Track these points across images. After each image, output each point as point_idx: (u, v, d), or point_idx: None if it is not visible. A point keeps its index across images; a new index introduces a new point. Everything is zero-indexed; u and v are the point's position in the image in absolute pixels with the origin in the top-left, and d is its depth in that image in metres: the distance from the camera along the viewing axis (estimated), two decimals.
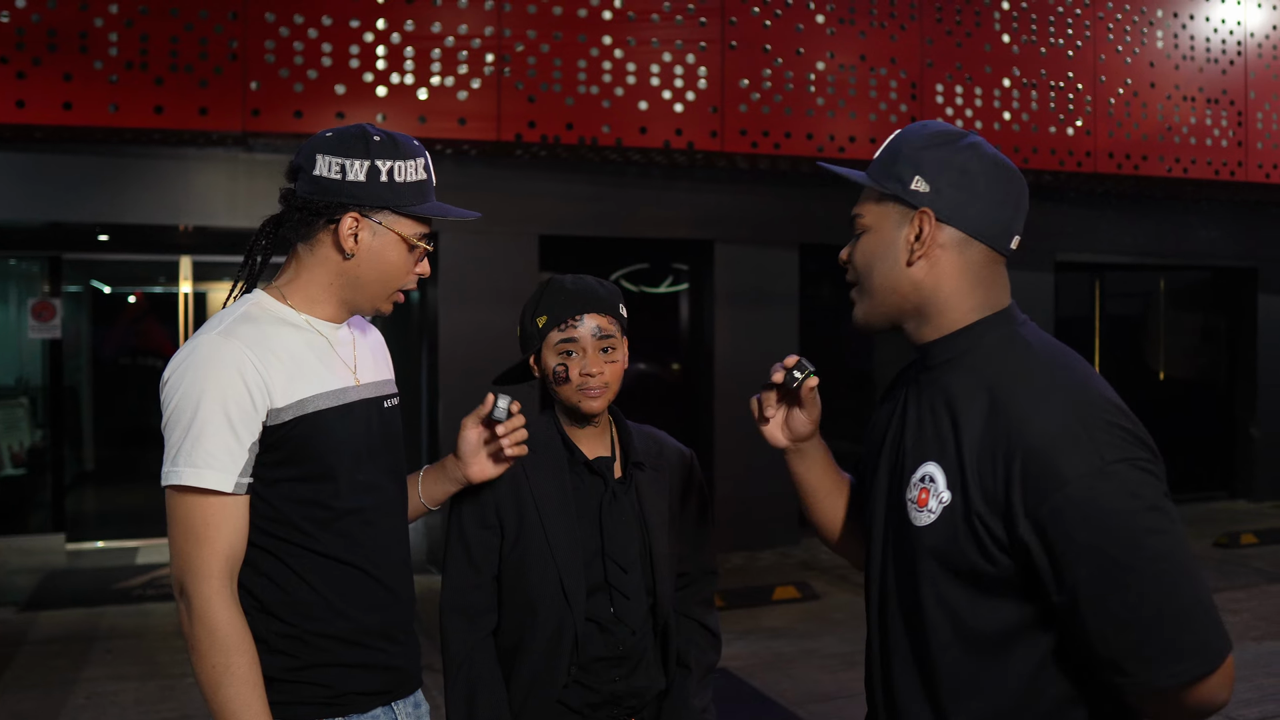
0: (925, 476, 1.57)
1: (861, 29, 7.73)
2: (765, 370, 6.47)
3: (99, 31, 6.13)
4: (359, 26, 6.57)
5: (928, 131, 1.63)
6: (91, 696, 5.37)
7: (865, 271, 1.67)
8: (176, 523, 1.82)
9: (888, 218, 1.64)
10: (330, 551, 1.90)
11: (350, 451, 1.93)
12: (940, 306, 1.62)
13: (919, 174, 1.59)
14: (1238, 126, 8.94)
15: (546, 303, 2.22)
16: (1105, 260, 10.30)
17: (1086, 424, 1.45)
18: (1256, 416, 10.86)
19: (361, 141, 1.89)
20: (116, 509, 9.21)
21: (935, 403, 1.61)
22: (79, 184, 6.90)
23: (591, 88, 7.04)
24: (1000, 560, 1.48)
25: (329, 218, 1.90)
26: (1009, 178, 1.62)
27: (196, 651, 1.79)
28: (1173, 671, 1.41)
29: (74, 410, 9.26)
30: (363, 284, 1.95)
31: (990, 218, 1.60)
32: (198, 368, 1.81)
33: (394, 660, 1.99)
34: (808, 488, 1.94)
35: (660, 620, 2.27)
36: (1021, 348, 1.58)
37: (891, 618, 1.65)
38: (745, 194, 8.44)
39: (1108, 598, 1.41)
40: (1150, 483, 1.44)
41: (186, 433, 1.80)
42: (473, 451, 2.15)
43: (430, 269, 2.04)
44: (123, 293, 9.52)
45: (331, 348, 1.98)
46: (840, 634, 6.36)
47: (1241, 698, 5.19)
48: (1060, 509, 1.42)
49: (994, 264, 1.63)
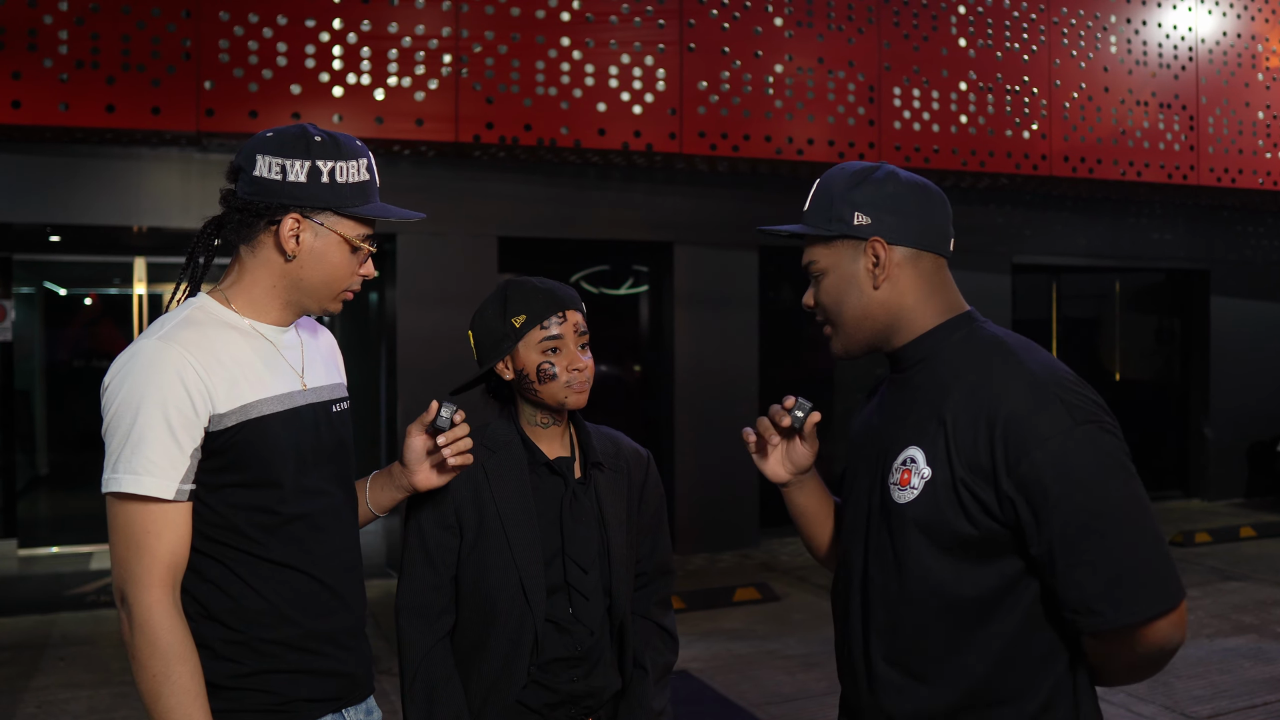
0: (906, 459, 1.73)
1: (819, 32, 7.77)
2: (725, 372, 6.56)
3: (49, 29, 6.04)
4: (315, 26, 6.51)
5: (848, 174, 1.82)
6: (43, 705, 5.28)
7: (835, 308, 1.84)
8: (117, 530, 1.79)
9: (841, 256, 1.82)
10: (277, 557, 1.87)
11: (296, 457, 1.90)
12: (908, 317, 1.80)
13: (857, 210, 1.78)
14: (1190, 131, 9.07)
15: (521, 302, 2.20)
16: (1061, 262, 10.41)
17: (1057, 392, 1.63)
18: (1209, 416, 11.02)
19: (302, 141, 1.87)
20: (70, 514, 9.08)
21: (911, 396, 1.79)
22: (29, 184, 6.79)
23: (550, 89, 7.03)
24: (982, 522, 1.64)
25: (270, 219, 1.88)
26: (927, 191, 1.82)
27: (137, 660, 1.76)
28: (1135, 609, 1.57)
29: (26, 414, 9.12)
30: (306, 286, 1.93)
31: (927, 228, 1.80)
32: (137, 373, 1.79)
33: (343, 666, 1.96)
34: (809, 516, 2.08)
35: (616, 620, 2.27)
36: (988, 340, 1.76)
37: (875, 595, 1.77)
38: (704, 196, 8.46)
39: (1081, 543, 1.58)
40: (1115, 443, 1.63)
41: (126, 439, 1.77)
42: (418, 459, 2.12)
43: (375, 270, 2.02)
44: (76, 294, 9.39)
45: (277, 352, 1.95)
46: (800, 635, 6.38)
47: (1195, 694, 5.25)
48: (1038, 464, 1.59)
49: (941, 268, 1.84)
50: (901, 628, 1.73)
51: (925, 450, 1.70)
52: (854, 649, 1.83)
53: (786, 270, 9.40)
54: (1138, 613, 1.58)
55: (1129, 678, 1.74)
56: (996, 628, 1.67)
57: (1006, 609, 1.67)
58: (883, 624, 1.76)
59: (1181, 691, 5.29)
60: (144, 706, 1.77)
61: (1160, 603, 1.58)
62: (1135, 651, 1.64)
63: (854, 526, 1.85)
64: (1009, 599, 1.66)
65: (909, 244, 1.78)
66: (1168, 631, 1.60)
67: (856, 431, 1.96)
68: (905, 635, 1.72)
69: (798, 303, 10.59)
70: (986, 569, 1.66)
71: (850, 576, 1.85)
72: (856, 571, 1.83)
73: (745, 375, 8.72)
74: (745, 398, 8.68)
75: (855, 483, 1.88)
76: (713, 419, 8.57)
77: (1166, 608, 1.59)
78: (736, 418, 8.64)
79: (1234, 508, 10.73)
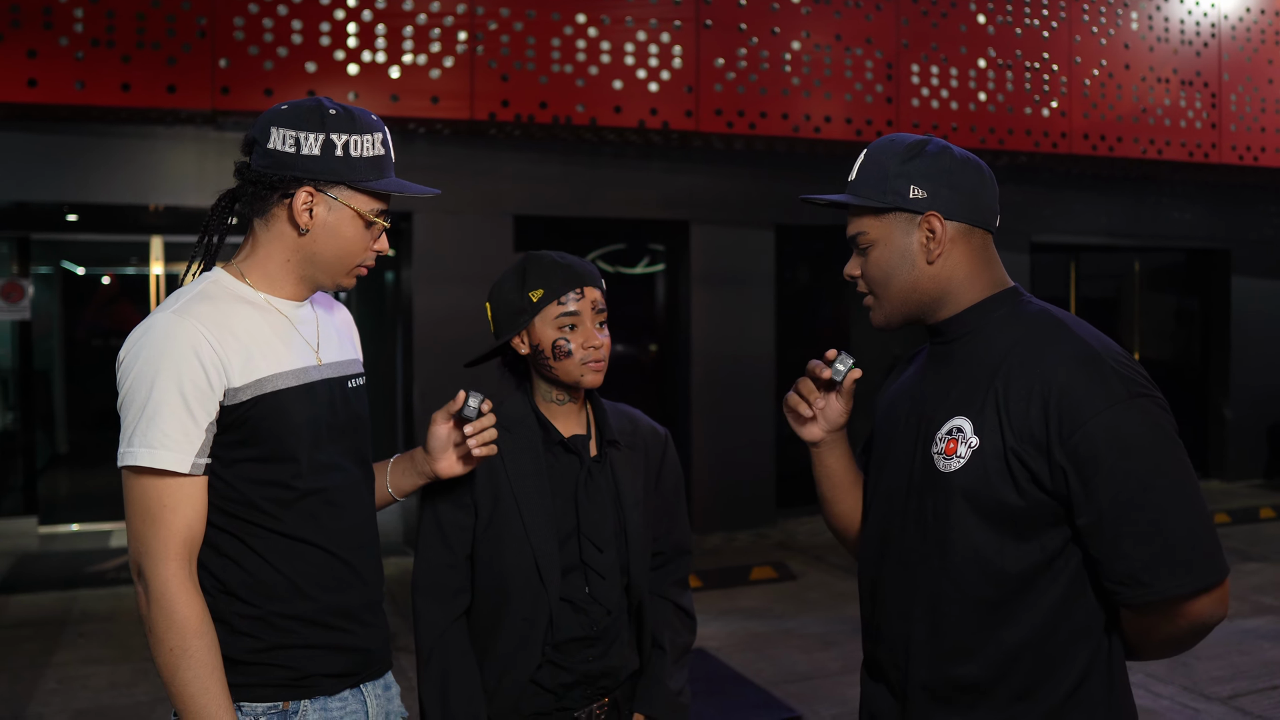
0: (953, 429, 1.73)
1: (837, 8, 7.70)
2: (742, 351, 6.52)
3: (64, 7, 6.04)
4: (330, 3, 6.49)
5: (902, 145, 1.81)
6: (63, 680, 5.32)
7: (883, 280, 1.83)
8: (133, 504, 1.78)
9: (894, 228, 1.80)
10: (293, 532, 1.87)
11: (311, 431, 1.89)
12: (956, 291, 1.81)
13: (912, 183, 1.78)
14: (1211, 109, 8.97)
15: (539, 277, 2.18)
16: (1080, 241, 10.33)
17: (1111, 365, 1.64)
18: (1229, 397, 10.94)
19: (317, 114, 1.86)
20: (89, 492, 9.13)
21: (956, 368, 1.79)
22: (46, 163, 6.80)
23: (565, 66, 6.99)
24: (1029, 492, 1.65)
25: (283, 192, 1.87)
26: (979, 167, 1.83)
27: (154, 634, 1.76)
28: (1182, 581, 1.59)
29: (45, 392, 9.18)
30: (319, 260, 1.92)
31: (979, 204, 1.80)
32: (152, 347, 1.78)
33: (360, 642, 1.96)
34: (835, 479, 2.05)
35: (634, 600, 2.26)
36: (1038, 314, 1.77)
37: (913, 566, 1.78)
38: (721, 174, 8.41)
39: (1130, 513, 1.59)
40: (1167, 418, 1.64)
41: (141, 412, 1.76)
42: (441, 447, 2.11)
43: (390, 247, 2.00)
44: (93, 273, 9.42)
45: (293, 326, 1.94)
46: (817, 614, 6.37)
47: (1214, 675, 5.23)
48: (1093, 435, 1.60)
49: (989, 244, 1.84)
50: (940, 599, 1.73)
51: (973, 420, 1.70)
52: (888, 620, 1.83)
53: (803, 249, 9.35)
54: (1185, 585, 1.58)
55: (1162, 652, 1.75)
56: (1036, 600, 1.68)
57: (1047, 582, 1.67)
58: (922, 595, 1.76)
59: (1201, 672, 5.27)
60: (162, 681, 1.77)
61: (1207, 576, 1.59)
62: (1175, 624, 1.64)
63: (890, 497, 1.85)
64: (1049, 573, 1.67)
65: (962, 219, 1.78)
66: (1211, 607, 1.62)
67: (888, 403, 1.95)
68: (944, 606, 1.73)
69: (814, 282, 10.55)
70: (1029, 545, 1.67)
71: (884, 547, 1.85)
72: (893, 542, 1.82)
73: (762, 354, 8.69)
74: (762, 377, 8.66)
75: (889, 453, 1.87)
76: (729, 398, 8.56)
77: (1212, 582, 1.60)
78: (753, 397, 8.63)
79: (1254, 488, 10.67)
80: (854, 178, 1.85)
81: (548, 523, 2.16)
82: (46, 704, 5.03)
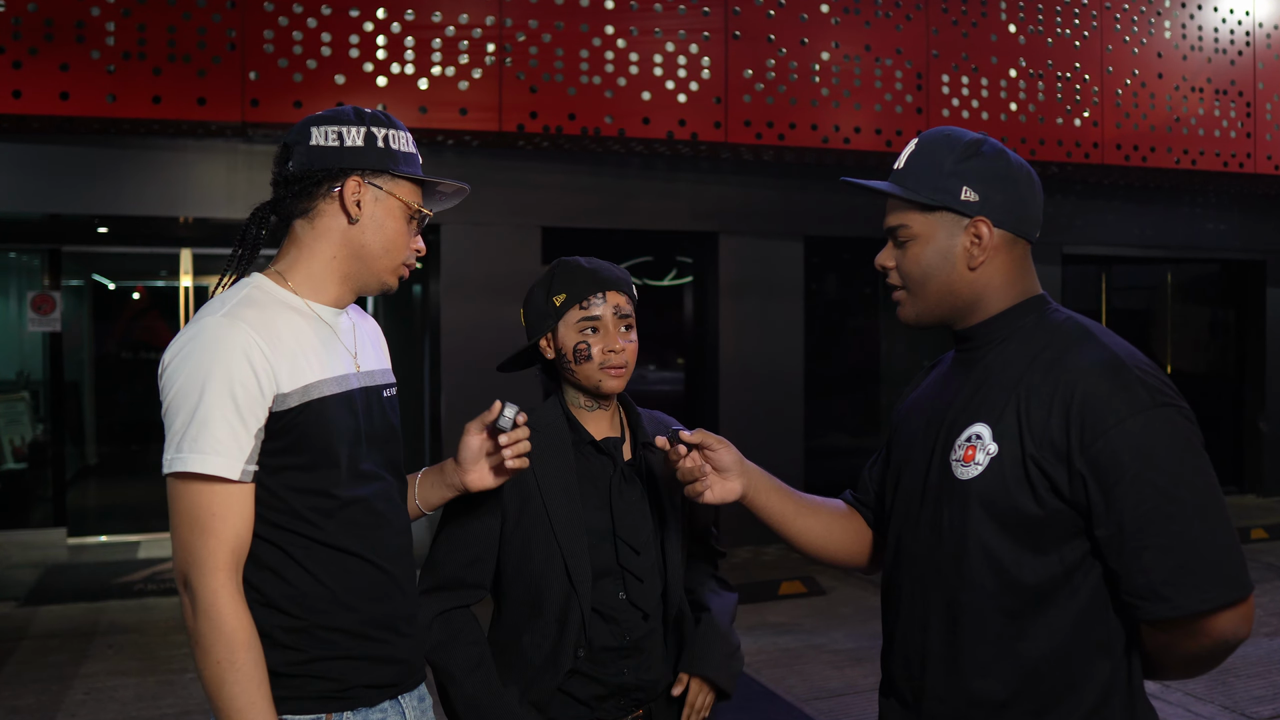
0: (971, 436, 1.68)
1: (866, 19, 7.66)
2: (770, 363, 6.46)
3: (96, 21, 6.07)
4: (359, 16, 6.50)
5: (959, 143, 1.75)
6: (91, 692, 5.32)
7: (919, 277, 1.77)
8: (180, 513, 1.74)
9: (939, 227, 1.74)
10: (334, 541, 1.84)
11: (353, 439, 1.87)
12: (989, 298, 1.76)
13: (966, 184, 1.71)
14: (1246, 118, 8.86)
15: (564, 281, 2.18)
16: (1112, 253, 10.22)
17: (1136, 374, 1.59)
18: (1265, 410, 10.78)
19: (354, 112, 1.91)
20: (118, 503, 9.18)
21: (980, 375, 1.74)
22: (77, 175, 6.85)
23: (594, 78, 6.98)
24: (1048, 501, 1.60)
25: (331, 184, 1.87)
26: (1030, 175, 1.77)
27: (200, 647, 1.72)
28: (1205, 596, 1.52)
29: (75, 404, 9.22)
30: (366, 254, 1.91)
31: (1027, 214, 1.76)
32: (202, 350, 1.74)
33: (399, 653, 1.93)
34: (773, 513, 1.99)
35: (672, 607, 2.22)
36: (1064, 322, 1.73)
37: (929, 577, 1.73)
38: (749, 185, 8.37)
39: (1151, 525, 1.53)
40: (1191, 428, 1.58)
41: (192, 417, 1.72)
42: (473, 459, 2.06)
43: (426, 247, 2.00)
44: (124, 286, 9.48)
45: (334, 333, 1.93)
46: (847, 629, 6.30)
47: (1255, 694, 5.12)
48: (1115, 444, 1.54)
49: (1028, 254, 1.80)
50: (957, 611, 1.68)
51: (992, 426, 1.65)
52: (907, 633, 1.78)
53: (832, 261, 9.29)
54: (1207, 601, 1.52)
55: (1184, 672, 1.69)
56: (1055, 615, 1.62)
57: (1065, 596, 1.62)
58: (939, 607, 1.71)
59: (1241, 691, 5.16)
60: (206, 693, 1.73)
61: (1230, 592, 1.53)
62: (1198, 642, 1.58)
63: (907, 506, 1.80)
64: (1068, 586, 1.62)
65: (1009, 228, 1.73)
66: (1234, 624, 1.55)
67: (906, 412, 1.91)
68: (962, 619, 1.68)
69: (843, 294, 10.46)
70: (1047, 557, 1.61)
71: (899, 555, 1.81)
72: (907, 550, 1.78)
73: (790, 366, 8.64)
74: (790, 389, 8.60)
75: (907, 459, 1.83)
76: (757, 410, 8.50)
77: (1236, 598, 1.53)
78: (782, 409, 8.57)
79: None
80: (901, 166, 1.79)
81: (576, 521, 2.13)
82: (74, 715, 5.03)
